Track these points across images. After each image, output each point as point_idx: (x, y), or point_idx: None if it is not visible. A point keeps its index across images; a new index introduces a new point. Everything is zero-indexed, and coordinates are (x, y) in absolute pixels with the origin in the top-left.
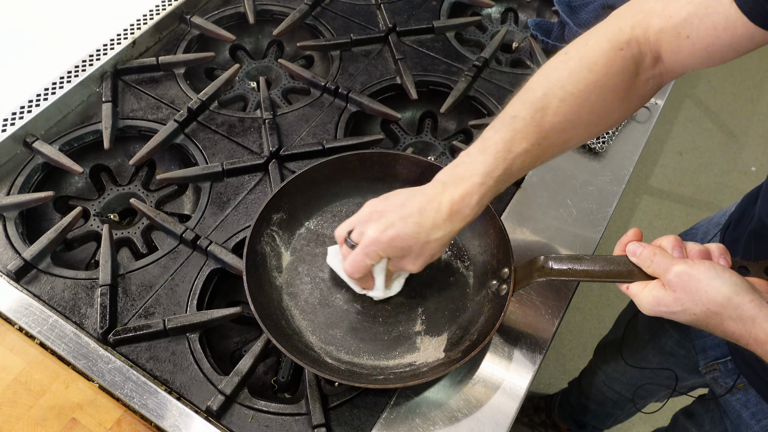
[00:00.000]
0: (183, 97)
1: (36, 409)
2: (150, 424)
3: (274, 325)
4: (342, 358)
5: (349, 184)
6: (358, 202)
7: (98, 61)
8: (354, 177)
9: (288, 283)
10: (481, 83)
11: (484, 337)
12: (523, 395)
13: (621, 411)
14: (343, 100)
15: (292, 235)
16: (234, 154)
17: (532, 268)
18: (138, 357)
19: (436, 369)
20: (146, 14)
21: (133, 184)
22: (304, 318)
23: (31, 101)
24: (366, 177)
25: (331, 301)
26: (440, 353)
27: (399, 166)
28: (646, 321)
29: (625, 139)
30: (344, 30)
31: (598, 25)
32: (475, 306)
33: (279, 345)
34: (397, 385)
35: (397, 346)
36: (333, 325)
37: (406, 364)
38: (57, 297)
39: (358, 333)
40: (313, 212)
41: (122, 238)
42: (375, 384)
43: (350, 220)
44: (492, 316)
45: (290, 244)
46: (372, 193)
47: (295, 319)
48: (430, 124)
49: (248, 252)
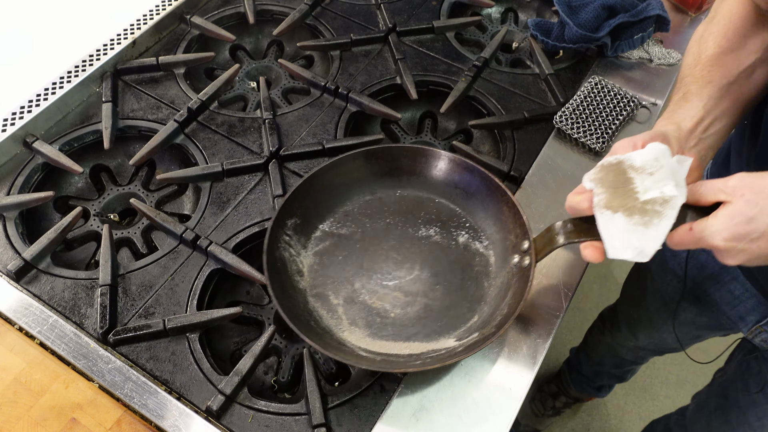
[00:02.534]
0: (183, 97)
1: (36, 409)
2: (150, 424)
3: (305, 326)
4: (376, 350)
5: (357, 183)
6: (368, 200)
7: (98, 61)
8: (361, 175)
9: (311, 285)
10: (481, 83)
11: (514, 309)
12: (524, 395)
13: (640, 363)
14: (343, 100)
15: (308, 238)
16: (234, 154)
17: (551, 235)
18: (138, 357)
19: (471, 347)
20: (146, 14)
21: (133, 184)
22: (332, 317)
23: (31, 101)
24: (373, 173)
25: (357, 297)
26: (474, 333)
27: (403, 159)
28: (658, 303)
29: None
30: (344, 30)
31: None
32: (500, 283)
33: (314, 344)
34: (437, 365)
35: (430, 332)
36: (362, 320)
37: (442, 348)
38: (57, 297)
39: (388, 325)
40: (325, 214)
41: (122, 238)
42: (415, 368)
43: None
44: (519, 289)
45: (308, 248)
46: (382, 188)
47: (324, 319)
48: (430, 124)
49: (268, 260)
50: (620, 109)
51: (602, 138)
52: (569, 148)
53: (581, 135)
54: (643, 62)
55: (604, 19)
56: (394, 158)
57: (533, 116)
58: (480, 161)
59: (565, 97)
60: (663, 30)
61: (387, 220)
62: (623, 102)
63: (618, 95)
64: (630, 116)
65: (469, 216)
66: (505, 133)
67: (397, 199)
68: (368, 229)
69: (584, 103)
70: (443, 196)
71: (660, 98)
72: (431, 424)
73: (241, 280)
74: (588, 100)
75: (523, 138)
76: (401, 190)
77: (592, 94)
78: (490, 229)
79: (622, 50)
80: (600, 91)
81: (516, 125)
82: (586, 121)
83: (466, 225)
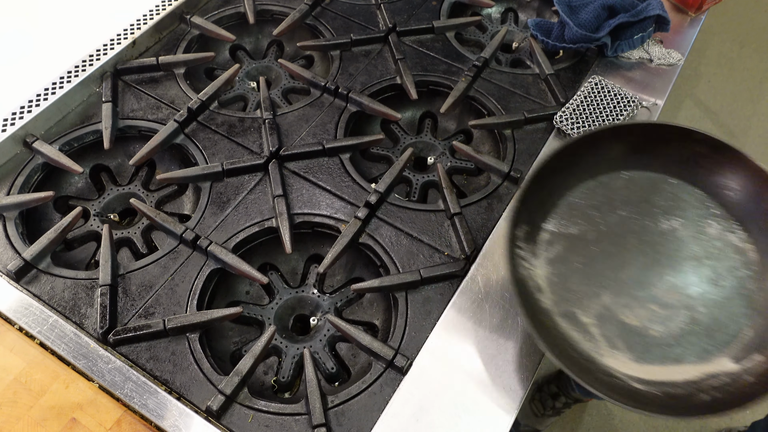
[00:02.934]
0: (183, 97)
1: (36, 409)
2: (150, 424)
3: (566, 357)
4: (648, 378)
5: (579, 169)
6: (591, 187)
7: (98, 61)
8: (583, 160)
9: (555, 302)
10: (481, 83)
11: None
12: (524, 395)
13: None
14: (343, 100)
15: (536, 244)
16: (234, 154)
17: None
18: (138, 357)
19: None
20: (146, 14)
21: (133, 184)
22: (587, 339)
23: (31, 101)
24: (595, 156)
25: (609, 313)
26: (753, 352)
27: (632, 136)
28: None
29: None
30: (344, 30)
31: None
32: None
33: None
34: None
35: (700, 351)
36: (621, 342)
37: (719, 371)
38: (57, 297)
39: (650, 345)
40: (549, 210)
41: (122, 238)
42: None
43: None
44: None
45: (538, 256)
46: (603, 172)
47: (579, 343)
48: (430, 124)
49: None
50: (620, 109)
51: None
52: None
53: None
54: (643, 62)
55: (604, 19)
56: (612, 137)
57: (533, 116)
58: (480, 161)
59: (565, 97)
60: (663, 30)
61: (619, 211)
62: (623, 102)
63: (618, 95)
64: (630, 116)
65: (715, 198)
66: (505, 133)
67: (625, 184)
68: (601, 226)
69: (584, 103)
70: (678, 175)
71: (660, 98)
72: (431, 424)
73: (241, 280)
74: (588, 100)
75: (523, 138)
76: (625, 171)
77: (592, 94)
78: (747, 216)
79: (622, 50)
80: (600, 91)
81: (516, 125)
82: (586, 121)
83: (714, 212)
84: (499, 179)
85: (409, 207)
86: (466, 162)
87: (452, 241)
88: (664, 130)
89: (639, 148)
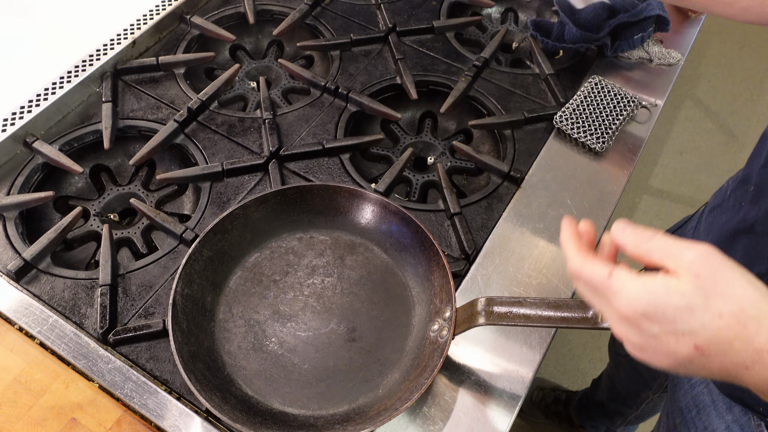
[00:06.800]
0: (183, 97)
1: (36, 409)
2: (150, 424)
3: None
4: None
5: (289, 219)
6: (299, 237)
7: (98, 61)
8: (294, 211)
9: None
10: (481, 83)
11: (422, 383)
12: (523, 395)
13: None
14: (343, 100)
15: (227, 273)
16: (234, 154)
17: (473, 310)
18: (138, 357)
19: (376, 417)
20: (146, 14)
21: (133, 184)
22: (234, 363)
23: (31, 101)
24: (307, 210)
25: (266, 345)
26: (374, 398)
27: (341, 198)
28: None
29: (625, 139)
30: (344, 30)
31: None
32: (416, 348)
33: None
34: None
35: (333, 395)
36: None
37: (344, 412)
38: (57, 297)
39: (292, 380)
40: (250, 249)
41: (122, 238)
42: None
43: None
44: (433, 361)
45: (225, 285)
46: (313, 227)
47: (226, 367)
48: (430, 124)
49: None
50: (620, 109)
51: (602, 138)
52: (569, 148)
53: (581, 135)
54: (643, 62)
55: (604, 19)
56: (330, 197)
57: (533, 116)
58: (480, 161)
59: (565, 97)
60: (663, 30)
61: (313, 261)
62: (623, 102)
63: (618, 95)
64: (630, 116)
65: (399, 270)
66: (505, 133)
67: (329, 241)
68: (291, 269)
69: (584, 103)
70: (377, 243)
71: (660, 98)
72: (431, 423)
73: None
74: (588, 100)
75: (523, 138)
76: (336, 231)
77: (592, 94)
78: (417, 288)
79: (622, 50)
80: (600, 91)
81: (516, 125)
82: (586, 121)
83: (394, 279)
84: (499, 179)
85: (409, 207)
86: (466, 162)
87: (452, 241)
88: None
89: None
